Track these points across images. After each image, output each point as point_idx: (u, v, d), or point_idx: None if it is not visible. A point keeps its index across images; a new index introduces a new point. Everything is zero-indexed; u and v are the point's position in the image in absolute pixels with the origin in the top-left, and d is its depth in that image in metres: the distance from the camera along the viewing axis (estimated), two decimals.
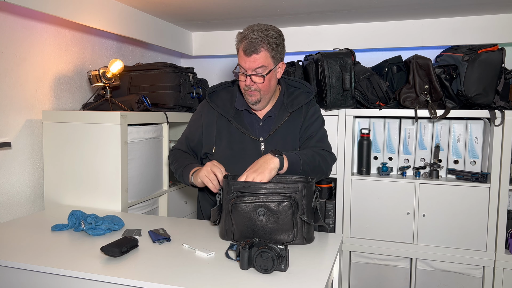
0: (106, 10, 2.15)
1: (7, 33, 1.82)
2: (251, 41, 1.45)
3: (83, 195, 1.91)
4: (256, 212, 1.30)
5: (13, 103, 1.86)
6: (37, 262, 1.22)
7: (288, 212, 1.30)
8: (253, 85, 1.50)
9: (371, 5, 2.28)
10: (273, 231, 1.31)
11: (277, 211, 1.30)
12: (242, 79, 1.51)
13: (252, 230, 1.31)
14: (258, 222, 1.30)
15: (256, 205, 1.30)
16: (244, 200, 1.31)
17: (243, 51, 1.47)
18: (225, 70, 3.21)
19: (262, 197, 1.30)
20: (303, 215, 1.31)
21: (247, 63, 1.47)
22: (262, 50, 1.46)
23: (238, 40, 1.51)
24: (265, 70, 1.48)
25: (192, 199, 2.61)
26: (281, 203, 1.30)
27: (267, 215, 1.30)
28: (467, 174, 2.23)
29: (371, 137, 2.43)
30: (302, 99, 1.63)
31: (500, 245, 2.15)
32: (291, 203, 1.30)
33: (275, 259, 1.11)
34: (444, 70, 2.21)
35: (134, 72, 2.38)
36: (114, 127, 1.85)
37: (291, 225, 1.31)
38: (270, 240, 1.30)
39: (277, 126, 1.58)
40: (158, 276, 1.12)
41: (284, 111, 1.60)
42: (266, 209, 1.30)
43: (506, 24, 2.45)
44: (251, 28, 1.48)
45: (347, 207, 2.39)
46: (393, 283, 2.36)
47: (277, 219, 1.30)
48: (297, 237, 1.33)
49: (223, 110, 1.63)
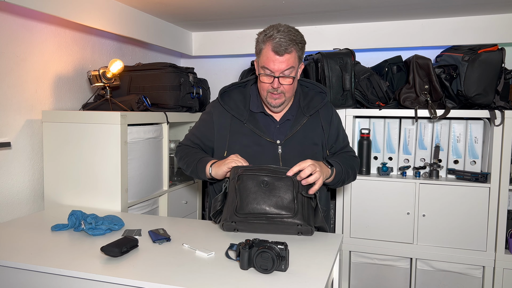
0: (106, 10, 2.15)
1: (7, 33, 1.82)
2: (281, 41, 1.39)
3: (83, 195, 1.91)
4: (260, 181, 1.38)
5: (13, 103, 1.86)
6: (37, 262, 1.22)
7: (290, 188, 1.37)
8: (279, 87, 1.45)
9: (371, 5, 2.28)
10: (275, 204, 1.37)
11: (279, 185, 1.38)
12: (268, 81, 1.45)
13: (255, 200, 1.37)
14: (260, 193, 1.37)
15: (261, 176, 1.40)
16: (249, 172, 1.41)
17: (273, 51, 1.41)
18: (225, 70, 3.21)
19: (266, 172, 1.41)
20: (303, 192, 1.38)
21: (277, 64, 1.41)
22: (293, 50, 1.42)
23: (262, 41, 1.44)
24: (293, 71, 1.44)
25: (192, 199, 2.61)
26: (283, 179, 1.39)
27: (270, 187, 1.38)
28: (467, 174, 2.23)
29: (371, 137, 2.43)
30: (317, 102, 1.61)
31: (500, 245, 2.15)
32: (292, 179, 1.38)
33: (275, 259, 1.12)
34: (444, 70, 2.21)
35: (134, 72, 2.38)
36: (114, 127, 1.85)
37: (291, 199, 1.37)
38: (271, 214, 1.37)
39: (294, 130, 1.55)
40: (158, 276, 1.12)
41: (301, 115, 1.58)
42: (269, 181, 1.39)
43: (506, 24, 2.45)
44: (275, 28, 1.42)
45: (347, 207, 2.39)
46: (393, 283, 2.36)
47: (279, 192, 1.37)
48: (297, 215, 1.37)
49: (237, 112, 1.58)
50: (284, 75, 1.44)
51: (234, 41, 3.00)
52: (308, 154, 1.56)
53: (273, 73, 1.43)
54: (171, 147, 2.44)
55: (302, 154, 1.54)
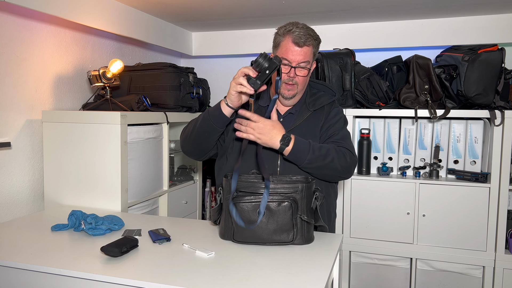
0: (106, 10, 2.15)
1: (7, 33, 1.82)
2: (301, 33, 1.45)
3: (83, 195, 1.91)
4: (256, 211, 1.30)
5: (13, 103, 1.86)
6: (37, 262, 1.22)
7: (288, 212, 1.31)
8: (295, 77, 1.50)
9: (371, 5, 2.28)
10: (273, 231, 1.31)
11: (277, 211, 1.30)
12: (285, 71, 1.49)
13: (252, 230, 1.31)
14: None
15: (256, 204, 1.30)
16: (244, 199, 1.31)
17: (294, 42, 1.46)
18: (225, 70, 3.21)
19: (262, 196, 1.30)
20: (303, 215, 1.32)
21: (296, 55, 1.47)
22: (311, 45, 1.48)
23: (281, 34, 1.50)
24: (308, 64, 1.50)
25: (192, 199, 2.61)
26: (281, 203, 1.31)
27: (267, 215, 1.31)
28: (467, 174, 2.23)
29: (371, 137, 2.43)
30: (325, 100, 1.63)
31: (500, 245, 2.15)
32: (291, 203, 1.30)
33: None
34: (444, 70, 2.21)
35: (134, 72, 2.38)
36: (114, 127, 1.85)
37: (291, 225, 1.32)
38: (270, 243, 1.32)
39: (297, 123, 1.56)
40: (158, 276, 1.12)
41: (305, 109, 1.59)
42: (266, 209, 1.30)
43: (506, 24, 2.45)
44: (294, 25, 1.48)
45: (347, 207, 2.39)
46: (393, 283, 2.36)
47: (276, 219, 1.31)
48: (297, 237, 1.33)
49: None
50: (300, 66, 1.48)
51: (234, 41, 3.01)
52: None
53: (290, 63, 1.48)
54: (171, 147, 2.43)
55: None
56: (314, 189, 1.37)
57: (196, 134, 1.51)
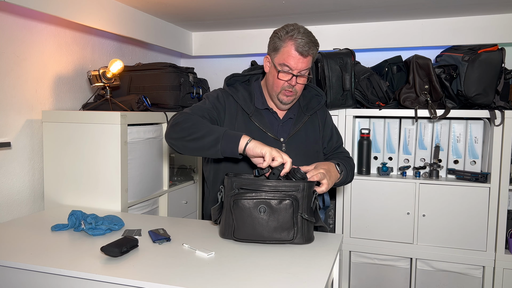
0: (106, 10, 2.15)
1: (7, 33, 1.82)
2: (304, 41, 1.43)
3: (83, 195, 1.91)
4: (257, 208, 1.31)
5: (13, 103, 1.86)
6: (37, 262, 1.22)
7: (289, 210, 1.31)
8: (295, 85, 1.49)
9: (371, 5, 2.28)
10: (274, 229, 1.32)
11: (278, 208, 1.31)
12: (286, 78, 1.48)
13: (252, 227, 1.32)
14: (258, 219, 1.31)
15: (258, 201, 1.31)
16: (246, 196, 1.31)
17: (297, 51, 1.43)
18: (225, 70, 3.20)
19: (263, 194, 1.31)
20: (304, 214, 1.32)
21: (299, 63, 1.45)
22: (314, 53, 1.47)
23: (282, 39, 1.45)
24: (308, 71, 1.50)
25: (192, 199, 2.61)
26: (282, 201, 1.31)
27: (268, 212, 1.31)
28: (467, 174, 2.23)
29: (371, 137, 2.43)
30: (315, 103, 1.66)
31: (500, 245, 2.15)
32: (292, 201, 1.31)
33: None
34: (444, 70, 2.21)
35: (134, 72, 2.38)
36: (114, 127, 1.85)
37: (291, 224, 1.32)
38: (270, 241, 1.32)
39: (296, 128, 1.58)
40: (158, 276, 1.12)
41: (302, 114, 1.61)
42: (267, 206, 1.31)
43: (506, 24, 2.45)
44: (296, 29, 1.45)
45: (347, 207, 2.39)
46: (393, 283, 2.36)
47: (277, 217, 1.31)
48: (297, 236, 1.33)
49: (245, 105, 1.56)
50: (301, 74, 1.48)
51: (234, 41, 3.01)
52: (310, 152, 1.59)
53: (292, 71, 1.47)
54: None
55: (305, 152, 1.57)
56: (314, 189, 1.37)
57: (192, 145, 1.37)
